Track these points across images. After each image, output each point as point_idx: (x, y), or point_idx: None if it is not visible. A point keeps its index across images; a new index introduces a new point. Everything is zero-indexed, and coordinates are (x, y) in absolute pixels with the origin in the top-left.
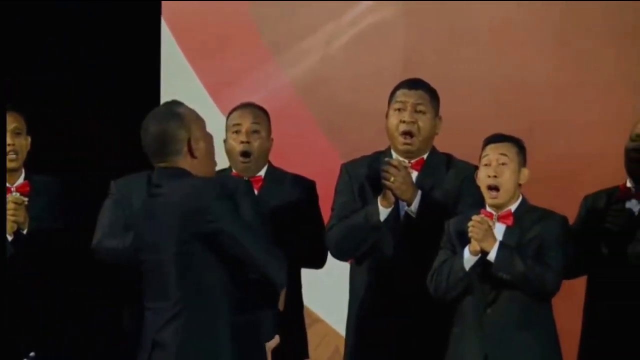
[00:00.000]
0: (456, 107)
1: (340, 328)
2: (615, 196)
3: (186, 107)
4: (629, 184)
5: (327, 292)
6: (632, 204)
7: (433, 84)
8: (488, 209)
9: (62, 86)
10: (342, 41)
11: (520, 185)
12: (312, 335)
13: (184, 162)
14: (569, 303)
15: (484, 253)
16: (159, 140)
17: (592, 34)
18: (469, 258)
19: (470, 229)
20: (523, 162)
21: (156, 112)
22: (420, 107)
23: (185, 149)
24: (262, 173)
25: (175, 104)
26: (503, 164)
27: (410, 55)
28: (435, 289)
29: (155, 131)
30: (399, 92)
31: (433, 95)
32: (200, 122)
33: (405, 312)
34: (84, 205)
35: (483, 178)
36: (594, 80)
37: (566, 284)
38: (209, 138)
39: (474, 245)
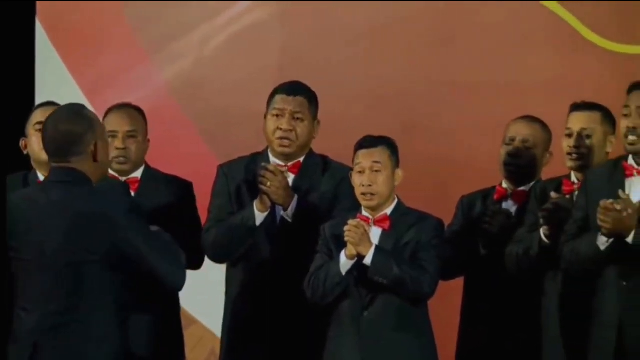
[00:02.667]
0: (332, 108)
1: (217, 330)
2: (491, 197)
3: (90, 111)
4: (504, 185)
5: (203, 294)
6: (508, 205)
7: (309, 85)
8: (364, 212)
9: None
10: (218, 42)
11: (395, 187)
12: (189, 337)
13: (84, 164)
14: (448, 303)
15: (361, 257)
16: (65, 139)
17: (467, 35)
18: (345, 262)
19: (346, 233)
20: (396, 163)
21: (64, 111)
22: (298, 115)
23: (90, 151)
24: (138, 174)
25: (81, 106)
26: (377, 171)
27: (287, 56)
28: (312, 293)
29: (63, 130)
30: (277, 98)
31: (312, 99)
32: (104, 127)
33: (281, 315)
34: None
35: (357, 185)
36: (467, 81)
37: (443, 285)
38: (107, 144)
39: (351, 249)
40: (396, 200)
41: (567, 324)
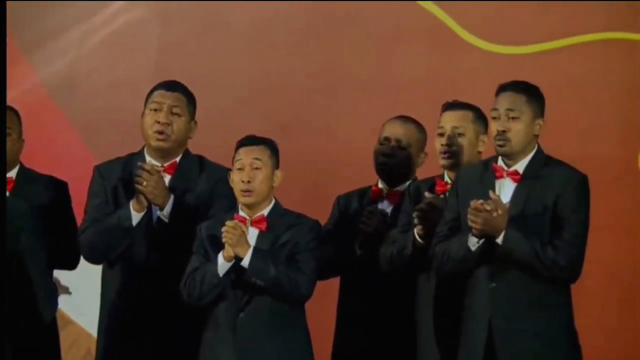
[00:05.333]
0: (211, 107)
1: (92, 330)
2: (367, 197)
3: None
4: (380, 185)
5: (79, 294)
6: (384, 205)
7: (188, 84)
8: (241, 213)
9: None
10: (95, 41)
11: (273, 187)
12: (64, 338)
13: None
14: (324, 303)
15: (238, 259)
16: None
17: (345, 34)
18: (223, 264)
19: (224, 234)
20: (276, 164)
21: None
22: (176, 110)
23: None
24: (13, 174)
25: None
26: (256, 168)
27: (165, 55)
28: (189, 294)
29: None
30: (156, 93)
31: (190, 98)
32: None
33: (157, 316)
34: None
35: (237, 182)
36: (345, 79)
37: (319, 284)
38: None
39: (228, 251)
40: (273, 201)
41: (440, 323)
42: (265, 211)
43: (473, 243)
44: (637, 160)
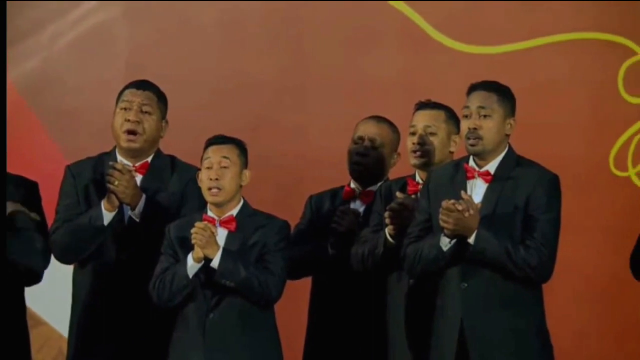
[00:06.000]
0: (181, 106)
1: (64, 330)
2: (339, 197)
3: None
4: (352, 185)
5: (50, 294)
6: (356, 205)
7: (157, 84)
8: (209, 213)
9: None
10: (66, 41)
11: (241, 186)
12: (35, 338)
13: None
14: (295, 303)
15: (208, 259)
16: None
17: (315, 33)
18: (192, 265)
19: (193, 235)
20: (245, 164)
21: None
22: (146, 108)
23: None
24: None
25: None
26: (225, 166)
27: (136, 54)
28: (158, 296)
29: None
30: (126, 92)
31: (161, 97)
32: None
33: (128, 316)
34: None
35: (205, 180)
36: (316, 79)
37: (291, 284)
38: None
39: (198, 252)
40: (242, 202)
41: (411, 323)
42: (234, 211)
43: (445, 243)
44: (608, 160)
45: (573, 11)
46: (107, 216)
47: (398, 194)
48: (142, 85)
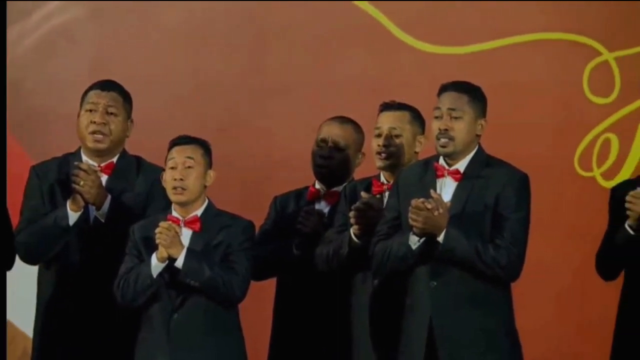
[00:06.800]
0: (147, 107)
1: (29, 330)
2: (304, 197)
3: None
4: (317, 186)
5: (15, 294)
6: (321, 205)
7: (122, 84)
8: (174, 213)
9: None
10: (30, 42)
11: (206, 187)
12: None
13: None
14: (260, 304)
15: (172, 259)
16: None
17: (281, 35)
18: (156, 265)
19: (157, 235)
20: (209, 164)
21: None
22: (112, 109)
23: None
24: None
25: None
26: (189, 167)
27: (100, 55)
28: (122, 296)
29: None
30: (91, 93)
31: (126, 97)
32: None
33: (92, 316)
34: None
35: (169, 180)
36: (282, 80)
37: (255, 285)
38: None
39: (162, 252)
40: (207, 202)
41: (377, 323)
42: (199, 212)
43: (414, 242)
44: (573, 161)
45: (538, 12)
46: (73, 216)
47: (363, 193)
48: (107, 86)
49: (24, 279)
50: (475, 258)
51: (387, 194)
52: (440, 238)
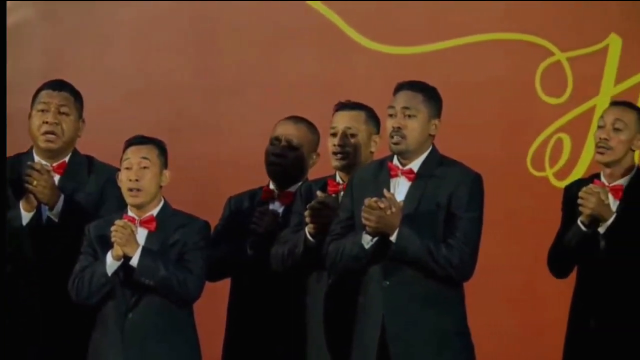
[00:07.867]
0: (98, 107)
1: None
2: (258, 197)
3: None
4: (271, 186)
5: None
6: (275, 206)
7: (73, 84)
8: (130, 213)
9: None
10: None
11: (161, 187)
12: None
13: None
14: (214, 304)
15: (127, 258)
16: None
17: (230, 34)
18: (111, 263)
19: (113, 233)
20: (164, 164)
21: None
22: (64, 109)
23: None
24: None
25: None
26: (144, 167)
27: (51, 55)
28: (77, 294)
29: None
30: (42, 93)
31: (77, 97)
32: None
33: (47, 315)
34: None
35: (125, 181)
36: (233, 80)
37: (210, 285)
38: None
39: (117, 250)
40: (162, 201)
41: (332, 323)
42: (155, 211)
43: (367, 241)
44: (525, 161)
45: (491, 12)
46: (26, 216)
47: (319, 192)
48: (58, 85)
49: None
50: (427, 257)
51: (342, 193)
52: (393, 237)
